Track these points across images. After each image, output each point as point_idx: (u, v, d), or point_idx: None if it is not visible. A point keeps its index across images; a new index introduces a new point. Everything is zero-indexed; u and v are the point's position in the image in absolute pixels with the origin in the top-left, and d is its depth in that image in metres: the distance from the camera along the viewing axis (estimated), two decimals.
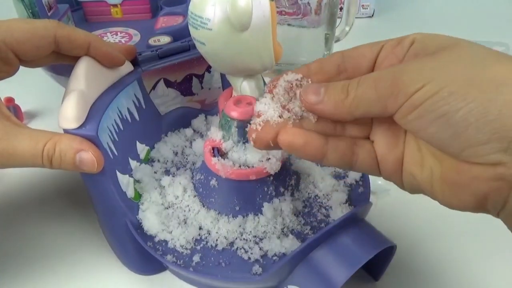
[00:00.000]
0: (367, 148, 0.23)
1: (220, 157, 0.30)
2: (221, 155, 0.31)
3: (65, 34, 0.29)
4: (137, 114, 0.35)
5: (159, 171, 0.36)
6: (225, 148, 0.31)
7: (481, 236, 0.35)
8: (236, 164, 0.30)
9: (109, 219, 0.32)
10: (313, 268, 0.26)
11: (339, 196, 0.33)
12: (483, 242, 0.34)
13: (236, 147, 0.30)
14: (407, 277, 0.32)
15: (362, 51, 0.23)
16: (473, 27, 0.66)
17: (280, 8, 0.52)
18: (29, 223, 0.37)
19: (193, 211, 0.32)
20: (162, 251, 0.30)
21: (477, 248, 0.34)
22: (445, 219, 0.36)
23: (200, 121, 0.40)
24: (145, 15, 0.50)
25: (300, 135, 0.22)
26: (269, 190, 0.31)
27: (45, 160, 0.26)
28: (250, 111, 0.28)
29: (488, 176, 0.18)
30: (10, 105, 0.47)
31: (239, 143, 0.30)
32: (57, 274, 0.33)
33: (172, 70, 0.38)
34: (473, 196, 0.19)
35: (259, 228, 0.31)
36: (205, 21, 0.26)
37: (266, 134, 0.23)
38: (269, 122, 0.23)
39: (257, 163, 0.30)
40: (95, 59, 0.30)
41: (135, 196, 0.33)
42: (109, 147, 0.30)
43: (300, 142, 0.22)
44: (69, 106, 0.27)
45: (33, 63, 0.30)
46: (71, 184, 0.40)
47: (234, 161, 0.30)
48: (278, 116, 0.23)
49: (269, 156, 0.30)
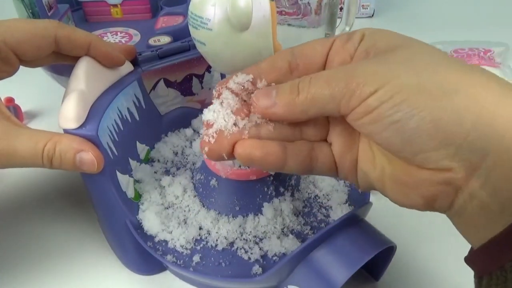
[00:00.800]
0: (325, 152, 0.22)
1: None
2: None
3: (65, 34, 0.29)
4: (137, 114, 0.35)
5: (159, 171, 0.36)
6: None
7: None
8: (236, 164, 0.30)
9: (109, 219, 0.32)
10: (313, 268, 0.26)
11: (339, 196, 0.33)
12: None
13: None
14: (407, 277, 0.32)
15: (313, 46, 0.23)
16: (473, 27, 0.66)
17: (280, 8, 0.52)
18: (29, 223, 0.37)
19: (193, 211, 0.32)
20: (162, 251, 0.30)
21: None
22: (445, 219, 0.36)
23: (200, 121, 0.40)
24: (145, 15, 0.50)
25: (258, 147, 0.21)
26: (269, 190, 0.31)
27: (45, 160, 0.26)
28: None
29: (437, 180, 0.18)
30: (10, 105, 0.47)
31: None
32: (57, 274, 0.33)
33: (172, 70, 0.38)
34: (421, 197, 0.19)
35: (259, 228, 0.31)
36: (205, 21, 0.26)
37: (220, 147, 0.21)
38: (223, 133, 0.21)
39: None
40: (95, 59, 0.30)
41: (135, 196, 0.33)
42: (109, 147, 0.30)
43: (259, 154, 0.20)
44: (69, 106, 0.27)
45: (33, 63, 0.30)
46: (71, 184, 0.40)
47: (234, 161, 0.30)
48: (232, 124, 0.21)
49: None
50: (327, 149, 0.22)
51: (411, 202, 0.20)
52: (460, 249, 0.35)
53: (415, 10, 0.75)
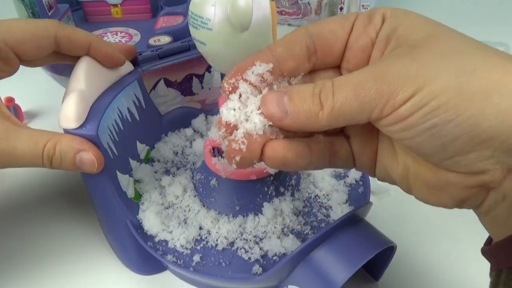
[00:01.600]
0: (344, 147, 0.21)
1: (220, 157, 0.30)
2: (221, 155, 0.31)
3: (66, 34, 0.29)
4: (137, 114, 0.35)
5: (159, 171, 0.36)
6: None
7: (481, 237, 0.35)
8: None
9: (109, 219, 0.32)
10: (313, 268, 0.26)
11: (339, 196, 0.33)
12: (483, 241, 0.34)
13: None
14: (407, 277, 0.32)
15: (331, 28, 0.20)
16: (473, 27, 0.66)
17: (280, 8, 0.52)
18: (29, 223, 0.37)
19: (193, 211, 0.32)
20: (162, 251, 0.30)
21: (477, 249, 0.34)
22: (445, 219, 0.36)
23: (200, 121, 0.41)
24: (145, 15, 0.50)
25: (290, 148, 0.19)
26: (269, 190, 0.31)
27: (45, 160, 0.26)
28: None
29: (470, 184, 0.17)
30: (10, 105, 0.47)
31: None
32: (57, 274, 0.33)
33: (172, 70, 0.38)
34: (451, 198, 0.18)
35: (259, 228, 0.31)
36: (205, 21, 0.26)
37: (252, 153, 0.19)
38: (252, 137, 0.18)
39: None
40: (95, 59, 0.30)
41: (135, 196, 0.33)
42: (109, 147, 0.30)
43: (292, 156, 0.19)
44: (69, 106, 0.27)
45: (33, 63, 0.30)
46: (71, 184, 0.40)
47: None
48: (261, 124, 0.18)
49: None
50: (346, 144, 0.21)
51: (440, 203, 0.19)
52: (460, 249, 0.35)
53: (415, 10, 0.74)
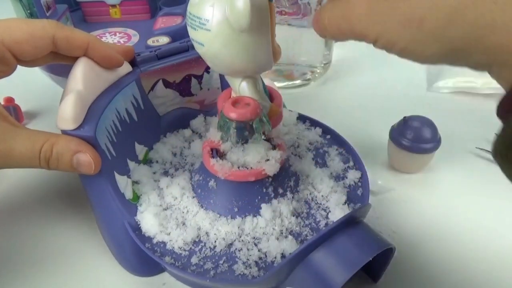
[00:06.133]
0: None
1: (218, 158, 0.30)
2: (220, 156, 0.31)
3: (64, 34, 0.29)
4: (136, 115, 0.35)
5: (157, 172, 0.36)
6: (224, 149, 0.31)
7: (480, 237, 0.35)
8: (234, 165, 0.30)
9: (107, 220, 0.31)
10: (312, 270, 0.26)
11: (338, 197, 0.33)
12: (483, 243, 0.34)
13: (235, 148, 0.30)
14: (406, 279, 0.32)
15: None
16: None
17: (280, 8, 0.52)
18: (27, 224, 0.37)
19: (191, 213, 0.32)
20: (160, 253, 0.30)
21: (476, 249, 0.34)
22: (445, 219, 0.36)
23: (199, 121, 0.40)
24: (144, 15, 0.50)
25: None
26: (268, 191, 0.31)
27: (42, 161, 0.26)
28: (249, 112, 0.27)
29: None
30: (10, 105, 0.47)
31: (238, 144, 0.30)
32: (55, 275, 0.33)
33: (171, 70, 0.38)
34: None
35: (258, 229, 0.31)
36: (204, 22, 0.26)
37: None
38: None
39: (256, 164, 0.30)
40: (94, 60, 0.30)
41: (133, 197, 0.32)
42: (107, 148, 0.30)
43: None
44: (67, 107, 0.27)
45: (31, 63, 0.30)
46: (70, 185, 0.40)
47: (232, 162, 0.30)
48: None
49: (268, 158, 0.30)
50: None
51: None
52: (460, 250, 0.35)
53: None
